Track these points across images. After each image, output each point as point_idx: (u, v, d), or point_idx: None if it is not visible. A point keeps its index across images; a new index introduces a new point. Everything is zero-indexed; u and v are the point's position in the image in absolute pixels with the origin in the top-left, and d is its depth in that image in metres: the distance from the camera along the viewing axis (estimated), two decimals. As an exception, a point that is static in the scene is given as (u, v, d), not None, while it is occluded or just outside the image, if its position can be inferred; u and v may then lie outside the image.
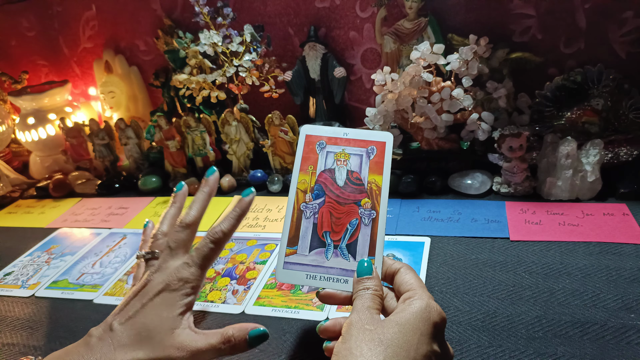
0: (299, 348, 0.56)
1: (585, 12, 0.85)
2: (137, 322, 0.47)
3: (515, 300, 0.58)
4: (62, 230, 0.93)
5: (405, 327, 0.40)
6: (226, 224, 0.53)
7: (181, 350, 0.46)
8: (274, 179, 0.95)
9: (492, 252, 0.68)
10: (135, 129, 1.09)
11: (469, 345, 0.52)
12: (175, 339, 0.47)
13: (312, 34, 0.99)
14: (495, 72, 0.88)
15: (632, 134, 0.80)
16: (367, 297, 0.44)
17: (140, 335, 0.47)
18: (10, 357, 0.61)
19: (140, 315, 0.48)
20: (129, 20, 1.18)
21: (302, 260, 0.50)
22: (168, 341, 0.46)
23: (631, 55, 0.85)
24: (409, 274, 0.46)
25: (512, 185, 0.81)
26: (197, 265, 0.51)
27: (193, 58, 1.01)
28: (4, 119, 1.24)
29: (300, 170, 0.53)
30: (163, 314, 0.48)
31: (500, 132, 0.79)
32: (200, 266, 0.51)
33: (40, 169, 1.21)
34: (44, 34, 1.30)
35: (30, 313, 0.69)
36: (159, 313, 0.48)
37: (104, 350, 0.46)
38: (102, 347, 0.46)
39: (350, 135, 0.54)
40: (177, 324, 0.48)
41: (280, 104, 1.07)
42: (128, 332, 0.47)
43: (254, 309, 0.63)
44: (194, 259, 0.51)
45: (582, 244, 0.67)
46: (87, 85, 1.33)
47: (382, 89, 0.86)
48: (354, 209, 0.51)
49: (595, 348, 0.50)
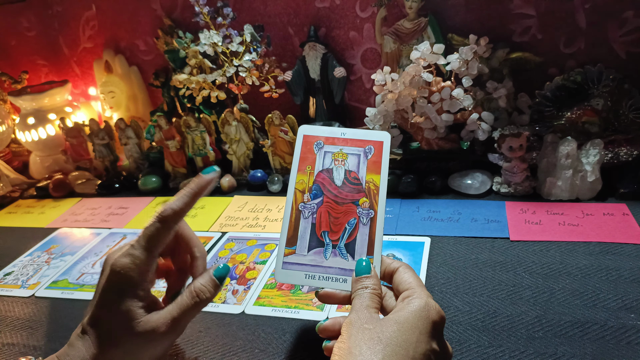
0: (299, 348, 0.56)
1: (585, 12, 0.85)
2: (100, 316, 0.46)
3: (515, 300, 0.58)
4: (62, 230, 0.93)
5: (404, 326, 0.40)
6: (178, 201, 0.48)
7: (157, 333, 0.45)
8: (274, 179, 0.95)
9: (492, 252, 0.68)
10: (135, 129, 1.09)
11: (469, 345, 0.52)
12: (144, 326, 0.45)
13: (312, 34, 0.99)
14: (495, 72, 0.88)
15: (632, 134, 0.80)
16: (365, 296, 0.44)
17: (106, 326, 0.46)
18: (10, 357, 0.61)
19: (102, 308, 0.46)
20: (129, 20, 1.18)
21: (301, 260, 0.50)
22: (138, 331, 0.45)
23: (631, 55, 0.85)
24: (407, 273, 0.46)
25: (512, 185, 0.81)
26: (141, 247, 0.47)
27: (193, 58, 1.01)
28: (4, 119, 1.24)
29: (298, 171, 0.53)
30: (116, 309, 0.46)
31: (500, 132, 0.79)
32: (145, 248, 0.47)
33: (40, 169, 1.21)
34: (44, 34, 1.30)
35: (30, 313, 0.69)
36: (111, 309, 0.46)
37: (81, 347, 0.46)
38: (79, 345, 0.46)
39: (347, 135, 0.54)
40: (138, 314, 0.46)
41: (280, 104, 1.07)
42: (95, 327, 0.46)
43: (254, 309, 0.63)
44: (139, 241, 0.47)
45: (582, 244, 0.67)
46: (87, 85, 1.33)
47: (382, 89, 0.86)
48: (352, 208, 0.51)
49: (595, 348, 0.50)
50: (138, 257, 0.46)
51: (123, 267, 0.46)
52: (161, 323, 0.46)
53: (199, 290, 0.49)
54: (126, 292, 0.46)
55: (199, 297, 0.48)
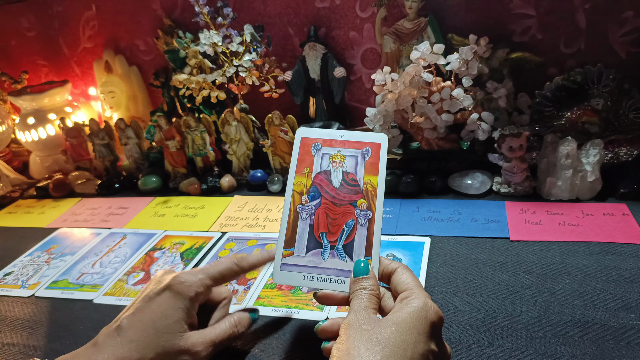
0: (299, 348, 0.56)
1: (585, 12, 0.85)
2: (143, 318, 0.48)
3: (515, 300, 0.58)
4: (62, 230, 0.93)
5: (402, 327, 0.40)
6: (254, 258, 0.56)
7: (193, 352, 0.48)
8: (274, 179, 0.95)
9: (492, 252, 0.68)
10: (135, 129, 1.09)
11: (469, 345, 0.52)
12: (187, 340, 0.48)
13: (312, 34, 0.99)
14: (495, 72, 0.87)
15: (632, 134, 0.79)
16: (364, 297, 0.44)
17: (148, 331, 0.47)
18: (10, 357, 0.61)
19: (147, 311, 0.48)
20: (129, 20, 1.18)
21: (299, 262, 0.50)
22: (178, 344, 0.47)
23: (631, 55, 0.85)
24: (405, 273, 0.46)
25: (512, 185, 0.81)
26: (208, 275, 0.52)
27: (193, 58, 1.01)
28: (4, 119, 1.24)
29: (296, 172, 0.54)
30: (168, 313, 0.48)
31: (500, 132, 0.79)
32: (211, 277, 0.52)
33: (40, 169, 1.21)
34: (44, 34, 1.30)
35: (30, 313, 0.69)
36: (164, 311, 0.48)
37: (112, 348, 0.46)
38: (110, 345, 0.46)
39: (345, 137, 0.54)
40: (184, 328, 0.48)
41: (280, 104, 1.07)
42: (135, 328, 0.47)
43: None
44: (207, 270, 0.52)
45: (582, 244, 0.67)
46: (87, 85, 1.33)
47: (382, 89, 0.86)
48: (350, 209, 0.51)
49: (595, 348, 0.50)
50: (203, 280, 0.51)
51: (188, 281, 0.50)
52: (200, 342, 0.49)
53: (239, 320, 0.54)
54: (181, 304, 0.49)
55: (236, 328, 0.53)
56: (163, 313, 0.48)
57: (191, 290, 0.50)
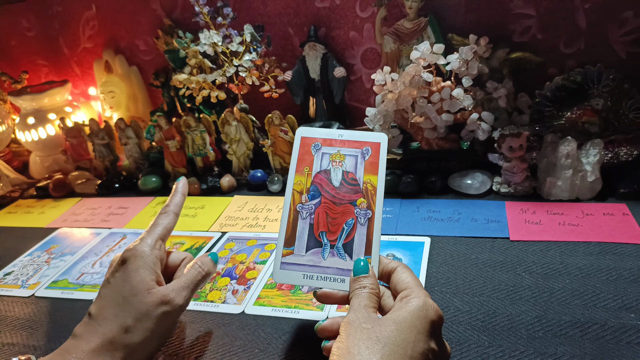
0: (299, 348, 0.56)
1: (585, 12, 0.85)
2: (108, 294, 0.49)
3: (515, 300, 0.58)
4: (62, 230, 0.93)
5: (402, 325, 0.40)
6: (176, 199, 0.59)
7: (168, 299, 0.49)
8: (274, 178, 0.95)
9: (492, 252, 0.68)
10: (135, 129, 1.09)
11: (469, 345, 0.52)
12: (157, 293, 0.49)
13: (312, 33, 0.99)
14: (495, 72, 0.87)
15: (632, 134, 0.79)
16: (364, 296, 0.45)
17: (117, 301, 0.48)
18: (10, 357, 0.61)
19: (109, 288, 0.50)
20: (129, 20, 1.18)
21: (299, 261, 0.51)
22: (150, 299, 0.48)
23: (631, 55, 0.85)
24: (405, 272, 0.46)
25: (512, 185, 0.81)
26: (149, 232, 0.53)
27: (193, 58, 1.01)
28: (4, 119, 1.24)
29: (296, 172, 0.54)
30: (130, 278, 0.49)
31: (500, 132, 0.79)
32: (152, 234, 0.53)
33: (40, 168, 1.21)
34: (44, 34, 1.30)
35: (30, 313, 0.69)
36: (126, 279, 0.49)
37: (91, 333, 0.47)
38: (88, 331, 0.47)
39: (345, 136, 0.54)
40: (150, 285, 0.49)
41: (280, 104, 1.07)
42: (104, 306, 0.48)
43: (254, 308, 0.63)
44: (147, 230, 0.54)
45: (582, 244, 0.67)
46: (87, 85, 1.33)
47: (382, 89, 0.86)
48: (350, 209, 0.51)
49: (595, 348, 0.50)
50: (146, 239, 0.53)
51: (136, 246, 0.51)
52: (171, 290, 0.50)
53: (201, 263, 0.54)
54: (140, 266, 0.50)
55: (201, 268, 0.54)
56: (125, 280, 0.49)
57: (143, 252, 0.51)
